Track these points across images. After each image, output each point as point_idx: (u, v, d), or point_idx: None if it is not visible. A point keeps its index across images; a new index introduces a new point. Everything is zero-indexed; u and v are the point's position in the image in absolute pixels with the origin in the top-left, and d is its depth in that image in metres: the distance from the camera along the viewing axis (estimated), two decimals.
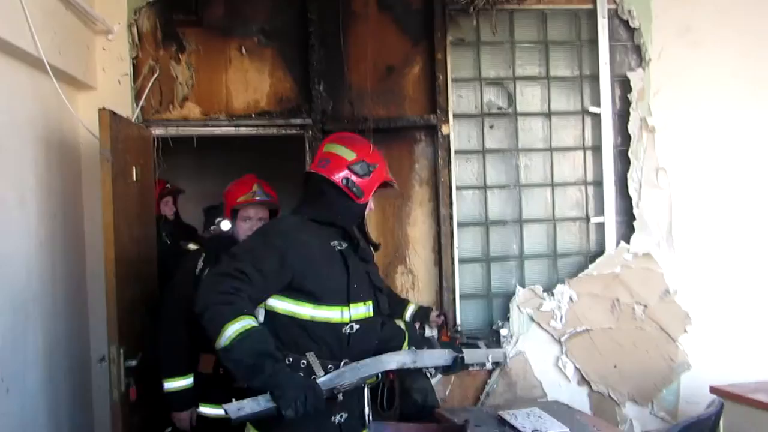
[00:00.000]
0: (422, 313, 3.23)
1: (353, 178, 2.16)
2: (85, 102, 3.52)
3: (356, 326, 2.09)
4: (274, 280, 2.00)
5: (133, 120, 3.55)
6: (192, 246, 3.32)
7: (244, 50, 3.78)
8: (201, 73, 3.76)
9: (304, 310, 2.04)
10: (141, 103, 3.64)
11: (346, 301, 2.08)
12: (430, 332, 3.17)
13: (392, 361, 2.14)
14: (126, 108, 3.56)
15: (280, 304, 2.05)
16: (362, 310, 2.13)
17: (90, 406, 3.58)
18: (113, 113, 2.90)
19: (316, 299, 2.04)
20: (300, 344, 2.03)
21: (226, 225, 3.09)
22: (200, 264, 2.94)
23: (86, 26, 3.49)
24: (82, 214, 3.58)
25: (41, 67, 2.90)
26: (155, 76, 3.68)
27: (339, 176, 2.15)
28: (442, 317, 3.30)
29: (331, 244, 2.13)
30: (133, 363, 2.91)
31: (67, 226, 3.37)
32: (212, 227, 3.43)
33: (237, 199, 3.01)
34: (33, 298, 2.94)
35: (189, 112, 3.74)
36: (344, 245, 2.14)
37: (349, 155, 2.18)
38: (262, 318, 2.04)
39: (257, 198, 3.01)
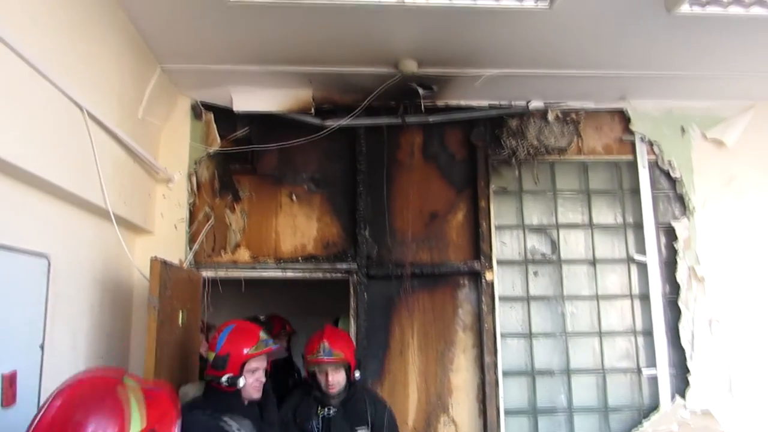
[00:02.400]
0: None
1: None
2: (141, 245, 3.67)
3: None
4: None
5: (185, 263, 3.67)
6: None
7: (294, 197, 3.97)
8: (252, 218, 3.93)
9: None
10: (195, 247, 3.79)
11: None
12: None
13: None
14: (180, 252, 3.72)
15: None
16: None
17: None
18: (164, 262, 2.99)
19: None
20: None
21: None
22: None
23: (149, 175, 3.72)
24: (129, 354, 3.61)
25: (106, 215, 3.07)
26: (210, 222, 3.85)
27: None
28: None
29: None
30: None
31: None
32: None
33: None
34: None
35: (239, 256, 3.87)
36: None
37: None
38: None
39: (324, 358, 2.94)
